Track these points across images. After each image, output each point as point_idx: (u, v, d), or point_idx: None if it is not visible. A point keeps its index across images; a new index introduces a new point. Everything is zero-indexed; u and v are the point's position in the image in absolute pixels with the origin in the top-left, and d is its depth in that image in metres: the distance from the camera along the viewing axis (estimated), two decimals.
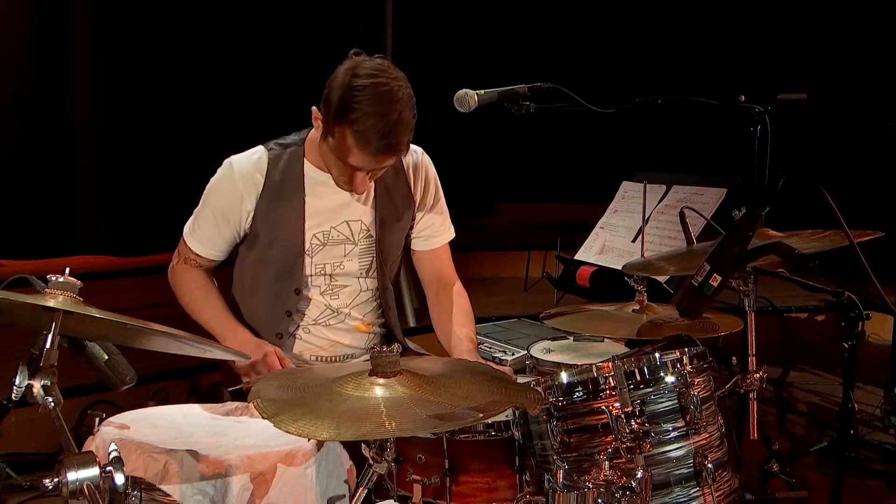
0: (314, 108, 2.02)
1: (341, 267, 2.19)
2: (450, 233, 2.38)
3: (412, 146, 2.14)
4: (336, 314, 2.22)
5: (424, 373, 1.47)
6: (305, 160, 2.15)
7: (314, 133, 2.09)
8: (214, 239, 2.18)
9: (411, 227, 2.32)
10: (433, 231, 2.34)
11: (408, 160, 2.26)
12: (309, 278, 2.17)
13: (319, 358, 2.24)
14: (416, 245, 2.35)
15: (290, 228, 2.13)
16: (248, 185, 2.11)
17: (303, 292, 2.17)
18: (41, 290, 1.32)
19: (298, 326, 2.21)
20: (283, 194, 2.12)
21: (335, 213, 2.17)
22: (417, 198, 2.29)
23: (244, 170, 2.12)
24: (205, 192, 2.18)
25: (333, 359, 2.25)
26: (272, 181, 2.11)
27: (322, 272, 2.18)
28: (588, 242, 3.46)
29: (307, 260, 2.15)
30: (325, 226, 2.16)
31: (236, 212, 2.13)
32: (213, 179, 2.17)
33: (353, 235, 2.19)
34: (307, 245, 2.15)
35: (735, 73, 5.34)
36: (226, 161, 2.15)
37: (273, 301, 2.19)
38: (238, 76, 5.09)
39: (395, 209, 2.24)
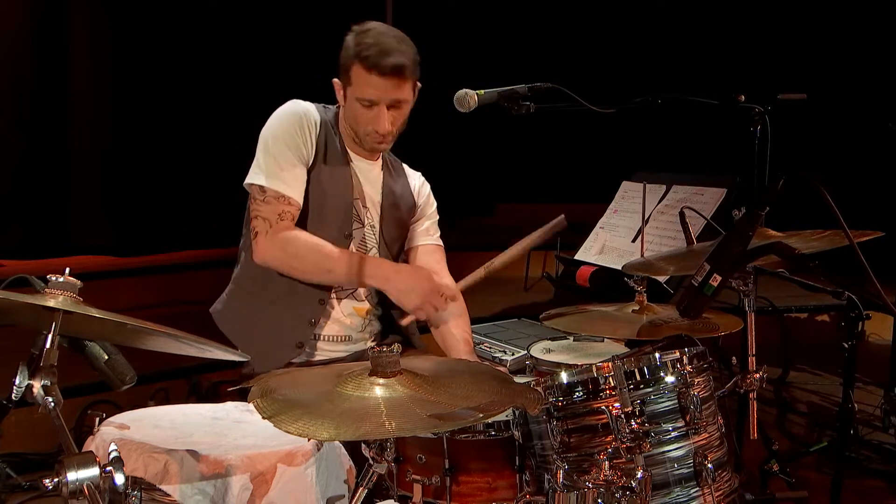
0: (334, 80, 2.18)
1: (350, 241, 2.25)
2: (439, 242, 2.45)
3: (417, 173, 2.44)
4: (340, 289, 2.25)
5: (424, 373, 1.47)
6: (338, 126, 2.27)
7: (339, 110, 2.26)
8: (294, 175, 2.14)
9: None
10: (424, 231, 2.43)
11: (413, 179, 2.43)
12: (351, 221, 2.23)
13: (325, 338, 2.26)
14: (408, 242, 2.42)
15: (341, 175, 2.22)
16: (313, 119, 2.19)
17: (352, 234, 2.23)
18: (41, 290, 1.32)
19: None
20: (333, 144, 2.22)
21: (355, 186, 2.26)
22: (417, 207, 2.41)
23: (308, 106, 2.21)
24: (271, 130, 2.17)
25: (332, 339, 2.26)
26: (326, 127, 2.21)
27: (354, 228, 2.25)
28: (588, 242, 3.46)
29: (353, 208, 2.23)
30: (352, 193, 2.25)
31: (308, 141, 2.16)
32: (278, 115, 2.18)
33: (361, 216, 2.27)
34: (354, 193, 2.23)
35: (735, 73, 5.34)
36: (288, 102, 2.21)
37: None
38: (238, 76, 5.09)
39: (398, 206, 2.34)
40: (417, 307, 2.10)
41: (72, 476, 1.16)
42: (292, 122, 2.16)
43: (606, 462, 1.51)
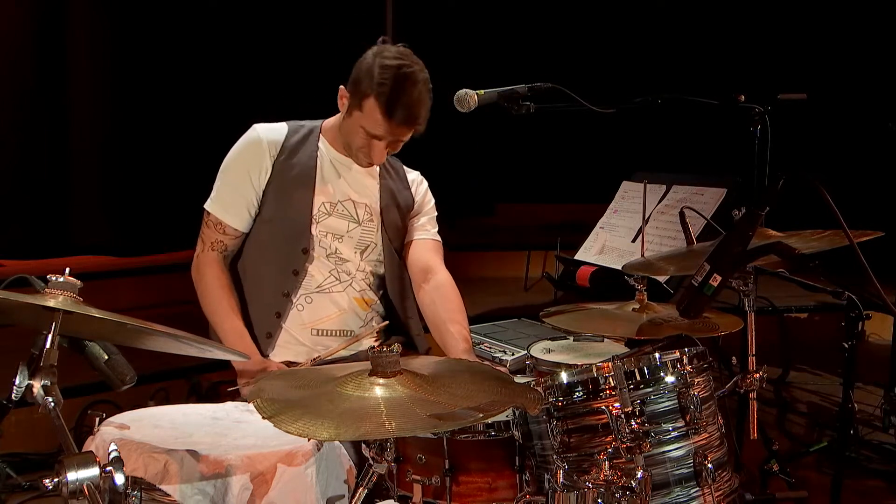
0: (342, 86, 2.19)
1: (341, 241, 2.29)
2: (436, 237, 2.47)
3: (416, 171, 2.47)
4: (338, 282, 2.29)
5: (424, 373, 1.47)
6: (321, 136, 2.32)
7: (331, 120, 2.32)
8: (236, 202, 2.24)
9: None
10: (421, 226, 2.44)
11: (411, 176, 2.45)
12: (315, 239, 2.26)
13: (321, 332, 2.27)
14: (406, 237, 2.44)
15: (301, 192, 2.25)
16: (270, 144, 2.25)
17: (310, 252, 2.25)
18: (41, 290, 1.32)
19: (302, 289, 2.26)
20: (298, 159, 2.26)
21: (342, 190, 2.30)
22: (415, 204, 2.43)
23: (268, 131, 2.28)
24: (226, 160, 2.28)
25: (334, 333, 2.28)
26: (290, 144, 2.27)
27: (326, 236, 2.27)
28: (588, 242, 3.45)
29: (314, 224, 2.26)
30: (333, 198, 2.29)
31: (257, 168, 2.24)
32: (235, 145, 2.28)
33: (356, 215, 2.30)
34: (315, 209, 2.26)
35: (735, 73, 5.34)
36: (250, 127, 2.29)
37: (282, 260, 2.26)
38: (238, 76, 5.09)
39: (397, 204, 2.37)
40: (243, 377, 2.16)
41: (72, 476, 1.16)
42: (243, 150, 2.26)
43: (606, 462, 1.51)
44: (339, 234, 2.28)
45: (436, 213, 2.49)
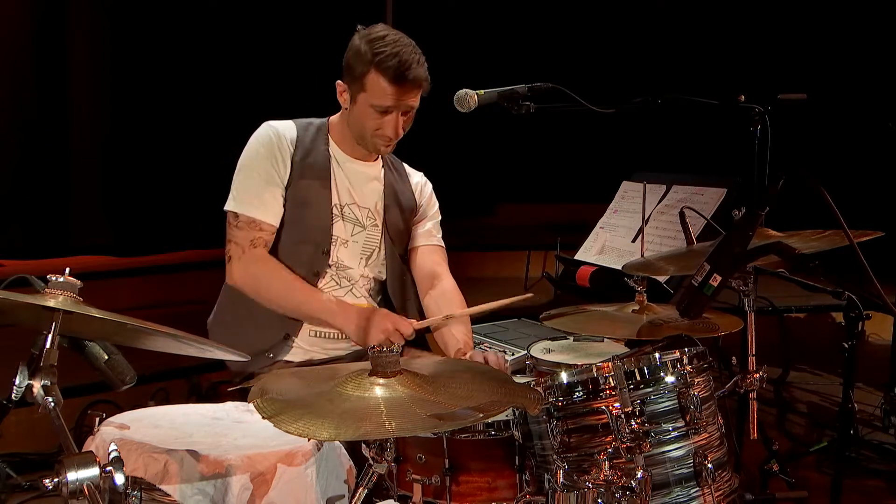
0: (338, 81, 2.19)
1: (346, 245, 2.28)
2: (441, 243, 2.47)
3: (419, 173, 2.47)
4: (339, 287, 2.28)
5: (424, 373, 1.47)
6: (329, 136, 2.30)
7: (335, 118, 2.31)
8: (266, 196, 2.18)
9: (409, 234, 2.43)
10: (427, 233, 2.45)
11: (415, 179, 2.46)
12: (330, 239, 2.24)
13: (318, 334, 2.26)
14: (410, 242, 2.44)
15: (321, 192, 2.24)
16: (289, 140, 2.23)
17: (329, 256, 2.24)
18: (41, 290, 1.32)
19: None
20: (313, 159, 2.24)
21: (350, 192, 2.29)
22: (419, 207, 2.44)
23: (282, 127, 2.25)
24: (244, 158, 2.22)
25: (332, 336, 2.27)
26: (303, 142, 2.25)
27: (336, 242, 2.26)
28: (588, 242, 3.45)
29: (333, 224, 2.25)
30: (341, 201, 2.27)
31: (281, 161, 2.20)
32: (251, 142, 2.23)
33: (362, 219, 2.30)
34: (333, 211, 2.25)
35: (735, 73, 5.34)
36: (262, 125, 2.26)
37: (305, 262, 2.23)
38: (238, 76, 5.09)
39: (400, 206, 2.37)
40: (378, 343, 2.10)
41: (72, 476, 1.16)
42: (263, 146, 2.21)
43: (606, 462, 1.51)
44: (344, 238, 2.27)
45: (440, 218, 2.48)
